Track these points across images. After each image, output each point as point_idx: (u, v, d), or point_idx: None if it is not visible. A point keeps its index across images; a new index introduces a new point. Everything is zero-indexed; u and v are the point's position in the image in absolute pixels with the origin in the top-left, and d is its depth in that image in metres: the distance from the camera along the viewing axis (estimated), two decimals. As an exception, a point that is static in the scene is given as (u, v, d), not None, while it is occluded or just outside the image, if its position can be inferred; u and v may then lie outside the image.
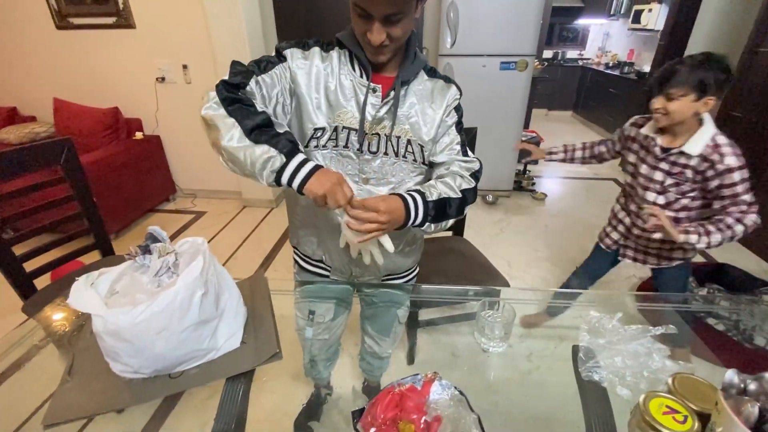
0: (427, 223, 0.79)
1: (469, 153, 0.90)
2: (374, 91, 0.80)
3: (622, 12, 5.14)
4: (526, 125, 3.83)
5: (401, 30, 0.72)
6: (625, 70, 4.78)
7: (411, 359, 1.48)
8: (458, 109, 0.89)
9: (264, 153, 0.68)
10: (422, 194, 0.78)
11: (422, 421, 0.61)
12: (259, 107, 0.72)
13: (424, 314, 1.62)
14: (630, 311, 1.12)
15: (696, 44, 3.35)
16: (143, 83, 2.81)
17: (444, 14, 2.70)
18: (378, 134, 0.82)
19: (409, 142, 0.84)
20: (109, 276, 0.74)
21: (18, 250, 1.30)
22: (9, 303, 1.54)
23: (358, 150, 0.82)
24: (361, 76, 0.81)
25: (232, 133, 0.70)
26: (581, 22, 6.02)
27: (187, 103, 2.84)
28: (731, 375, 0.55)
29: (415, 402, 0.64)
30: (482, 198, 3.20)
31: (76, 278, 0.70)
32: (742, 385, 0.54)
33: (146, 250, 0.81)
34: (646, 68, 4.08)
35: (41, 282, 1.39)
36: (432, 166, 0.90)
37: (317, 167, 0.71)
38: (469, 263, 1.58)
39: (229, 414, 0.78)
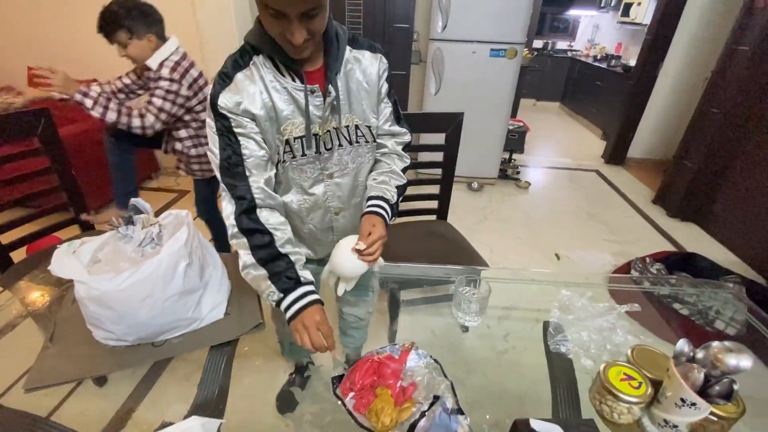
0: (394, 216, 0.91)
1: (402, 117, 0.95)
2: (313, 92, 0.77)
3: (612, 4, 5.18)
4: (514, 114, 3.86)
5: (320, 23, 0.69)
6: (612, 63, 4.83)
7: (392, 338, 1.51)
8: (389, 77, 0.89)
9: (267, 288, 0.76)
10: (386, 200, 0.88)
11: (398, 386, 0.65)
12: (271, 238, 0.77)
13: (406, 295, 1.66)
14: (599, 292, 1.17)
15: (680, 40, 3.41)
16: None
17: (436, -2, 2.68)
18: (329, 131, 0.83)
19: (357, 127, 0.86)
20: (92, 245, 0.74)
21: (-5, 221, 1.27)
22: (-15, 276, 1.51)
23: (315, 153, 0.82)
24: (294, 80, 0.76)
25: (245, 264, 0.77)
26: (572, 12, 6.03)
27: (171, 78, 2.76)
28: (682, 344, 0.60)
29: (392, 369, 0.68)
30: (468, 185, 3.24)
31: (58, 245, 0.70)
32: (692, 354, 0.59)
33: (129, 221, 0.81)
34: (633, 62, 4.14)
35: (17, 255, 1.36)
36: None
37: (303, 309, 0.74)
38: (451, 246, 1.62)
39: (212, 383, 0.80)
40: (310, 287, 0.77)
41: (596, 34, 5.96)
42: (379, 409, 0.61)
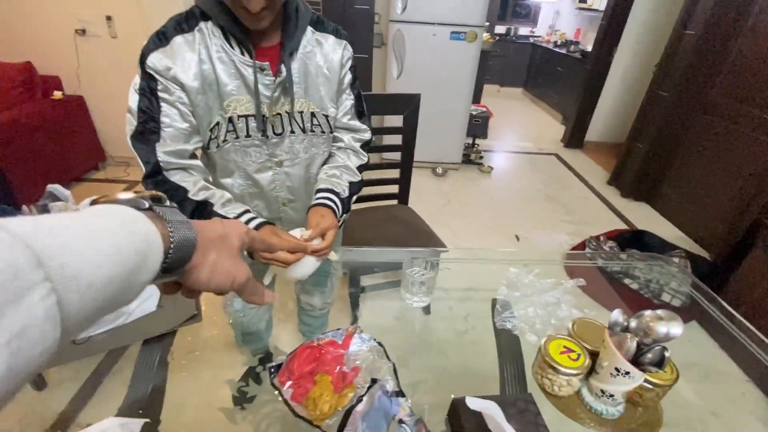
0: (345, 213, 0.83)
1: (365, 113, 0.90)
2: (262, 69, 0.71)
3: (571, -9, 5.28)
4: (477, 100, 3.89)
5: None
6: (571, 49, 4.95)
7: (352, 324, 1.49)
8: (352, 66, 0.84)
9: None
10: (336, 194, 0.81)
11: (337, 370, 0.62)
12: (188, 184, 0.71)
13: (367, 280, 1.64)
14: (554, 269, 1.20)
15: (633, 25, 3.52)
16: (60, 36, 2.49)
17: (395, -22, 2.61)
18: (279, 114, 0.76)
19: (313, 114, 0.80)
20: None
21: None
22: None
23: (263, 136, 0.76)
24: (243, 54, 0.70)
25: None
26: (533, -2, 6.11)
27: (114, 58, 2.57)
28: (616, 315, 0.60)
29: (333, 355, 0.65)
30: (432, 170, 3.24)
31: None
32: (626, 323, 0.60)
33: (45, 210, 0.74)
34: (590, 47, 4.26)
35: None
36: None
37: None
38: (411, 230, 1.61)
39: (144, 382, 0.75)
40: (247, 215, 0.72)
41: (557, 20, 6.08)
42: (317, 396, 0.59)
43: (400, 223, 1.66)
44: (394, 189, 1.73)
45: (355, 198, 0.87)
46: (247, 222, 0.71)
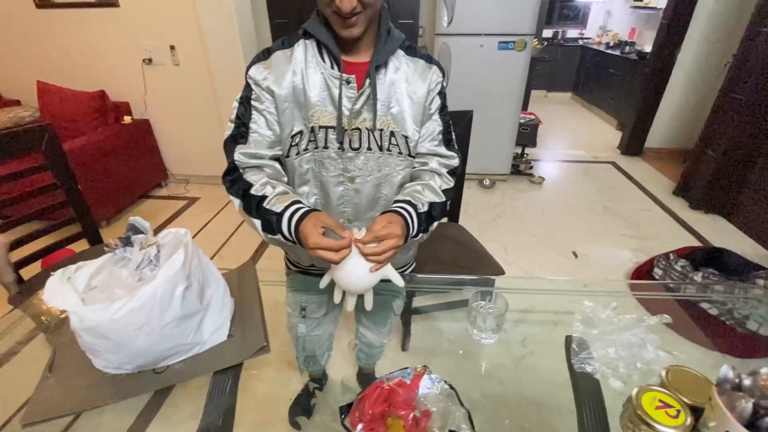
0: (420, 234, 0.77)
1: (454, 141, 0.87)
2: (348, 82, 0.74)
3: (624, -11, 5.01)
4: (525, 107, 3.76)
5: None
6: (626, 50, 4.67)
7: (405, 346, 1.47)
8: (441, 92, 0.83)
9: (269, 236, 0.76)
10: (414, 206, 0.76)
11: (411, 416, 0.60)
12: (254, 181, 0.76)
13: (418, 302, 1.62)
14: (624, 298, 1.11)
15: (698, 23, 3.27)
16: (130, 65, 2.72)
17: (440, -9, 2.60)
18: (359, 129, 0.77)
19: (392, 134, 0.79)
20: (87, 270, 0.71)
21: (7, 237, 1.26)
22: (-3, 292, 1.51)
23: (339, 149, 0.77)
24: (332, 67, 0.74)
25: (252, 222, 0.77)
26: (582, -1, 5.86)
27: (177, 85, 2.76)
28: (726, 370, 0.54)
29: (403, 397, 0.63)
30: (479, 182, 3.17)
31: (52, 273, 0.67)
32: (737, 380, 0.53)
33: (127, 242, 0.78)
34: (648, 48, 3.99)
35: (32, 270, 1.36)
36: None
37: (298, 226, 0.70)
38: (463, 250, 1.56)
39: (217, 408, 0.77)
40: (293, 207, 0.72)
41: (608, 21, 5.78)
42: (390, 442, 0.57)
43: (451, 242, 1.62)
44: (444, 206, 1.70)
45: (436, 224, 0.83)
46: (292, 214, 0.72)
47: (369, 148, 0.78)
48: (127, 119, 2.79)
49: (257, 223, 0.75)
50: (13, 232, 1.28)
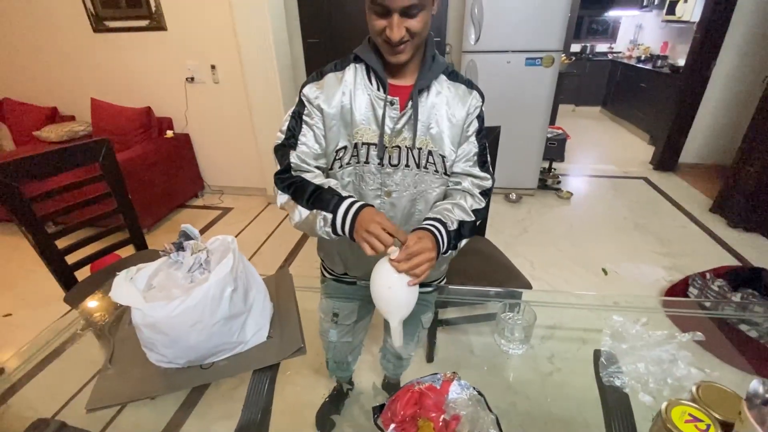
0: (449, 251, 0.81)
1: (489, 164, 0.91)
2: (392, 104, 0.80)
3: (655, 3, 4.93)
4: (552, 122, 3.74)
5: (419, 24, 0.72)
6: (658, 64, 4.58)
7: (430, 358, 1.48)
8: (480, 116, 0.88)
9: (316, 218, 0.78)
10: (444, 224, 0.80)
11: (441, 419, 0.63)
12: (310, 177, 0.82)
13: (444, 314, 1.63)
14: (656, 315, 1.10)
15: (734, 36, 3.19)
16: (174, 83, 2.91)
17: (468, 9, 2.67)
18: (399, 146, 0.82)
19: (430, 153, 0.83)
20: (147, 271, 0.78)
21: (60, 243, 1.38)
22: (51, 293, 1.64)
23: (378, 164, 0.83)
24: (378, 90, 0.81)
25: (296, 212, 0.81)
26: (612, 14, 5.80)
27: (215, 101, 2.93)
28: (756, 385, 0.54)
29: (434, 400, 0.66)
30: (505, 196, 3.16)
31: (117, 273, 0.75)
32: (767, 396, 0.53)
33: (180, 247, 0.85)
34: (681, 62, 3.91)
35: (81, 274, 1.47)
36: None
37: (359, 210, 0.74)
38: (490, 263, 1.58)
39: (255, 405, 0.82)
40: (353, 197, 0.78)
41: (639, 35, 5.69)
42: (421, 442, 0.60)
43: (477, 255, 1.63)
44: (471, 220, 1.72)
45: (465, 241, 0.86)
46: (351, 204, 0.76)
47: (407, 165, 0.83)
48: (169, 133, 2.98)
49: (304, 212, 0.79)
50: (67, 238, 1.40)
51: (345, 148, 0.83)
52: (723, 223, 2.72)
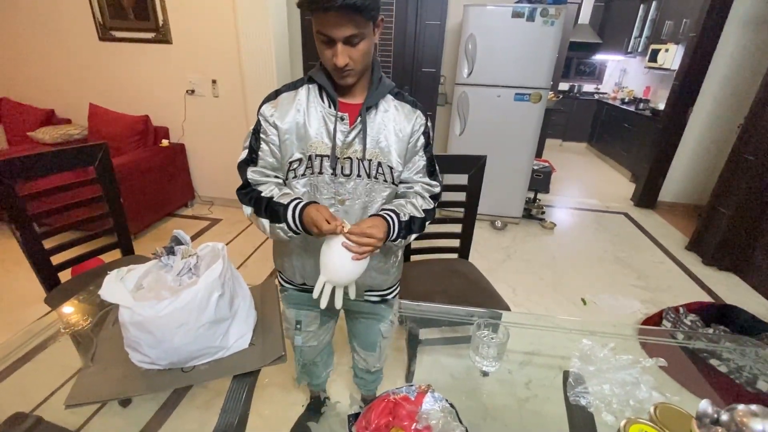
0: (398, 239, 0.91)
1: (437, 172, 1.01)
2: (342, 119, 0.88)
3: (639, 50, 5.24)
4: (539, 154, 3.89)
5: (361, 51, 0.80)
6: (640, 107, 4.83)
7: (409, 378, 1.50)
8: (426, 132, 0.95)
9: (275, 229, 0.90)
10: (397, 214, 0.90)
11: (413, 428, 0.65)
12: (265, 189, 0.92)
13: (425, 334, 1.65)
14: (626, 342, 1.14)
15: (710, 86, 3.40)
16: (174, 94, 2.97)
17: (463, 45, 2.81)
18: (350, 158, 0.89)
19: (379, 164, 0.91)
20: (137, 272, 0.81)
21: (46, 244, 1.38)
22: (29, 294, 1.62)
23: (332, 174, 0.90)
24: (330, 107, 0.88)
25: (260, 223, 0.92)
26: (599, 57, 6.13)
27: (214, 115, 2.99)
28: (705, 405, 0.58)
29: (407, 410, 0.69)
30: (491, 223, 3.24)
31: (108, 272, 0.77)
32: (716, 416, 0.58)
33: (170, 251, 0.88)
34: (661, 105, 4.13)
35: (63, 276, 1.47)
36: (400, 183, 0.99)
37: (302, 210, 0.85)
38: (472, 286, 1.62)
39: (233, 411, 0.83)
40: (296, 200, 0.87)
41: (624, 78, 6.00)
42: (393, 450, 0.62)
43: (460, 277, 1.68)
44: (454, 243, 1.77)
45: (414, 236, 0.96)
46: (297, 204, 0.87)
47: (359, 175, 0.91)
48: (164, 142, 3.01)
49: (265, 222, 0.90)
50: (53, 239, 1.40)
51: (300, 160, 0.90)
52: (698, 261, 2.82)
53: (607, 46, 5.82)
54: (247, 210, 0.93)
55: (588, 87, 6.40)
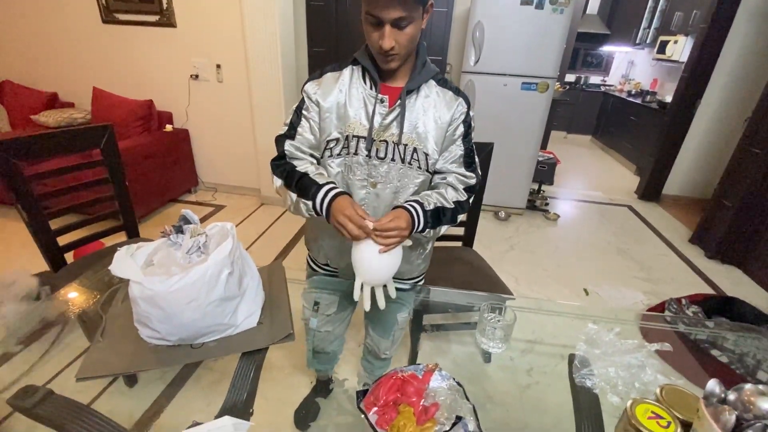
0: (427, 229, 0.89)
1: (476, 164, 0.98)
2: (382, 101, 0.87)
3: (647, 42, 5.17)
4: (544, 146, 3.86)
5: (409, 35, 0.79)
6: (647, 99, 4.78)
7: (413, 362, 1.51)
8: (466, 121, 0.93)
9: (299, 203, 0.88)
10: (421, 204, 0.88)
11: (420, 404, 0.66)
12: (300, 164, 0.91)
13: (429, 319, 1.66)
14: (630, 328, 1.15)
15: (718, 79, 3.36)
16: (178, 79, 2.95)
17: (470, 32, 2.78)
18: (386, 141, 0.89)
19: (415, 150, 0.90)
20: (146, 249, 0.81)
21: (52, 225, 1.39)
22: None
23: (366, 156, 0.89)
24: (371, 89, 0.88)
25: (287, 196, 0.91)
26: (606, 49, 6.06)
27: (218, 100, 2.97)
28: (713, 384, 0.59)
29: (415, 387, 0.69)
30: (495, 214, 3.24)
31: (118, 248, 0.77)
32: (723, 395, 0.58)
33: (179, 230, 0.88)
34: (668, 98, 4.09)
35: (70, 257, 1.47)
36: (435, 173, 0.97)
37: (332, 199, 0.83)
38: (476, 273, 1.62)
39: (241, 388, 0.84)
40: (330, 185, 0.86)
41: (631, 70, 5.94)
42: (401, 425, 0.63)
43: (465, 265, 1.68)
44: (459, 231, 1.77)
45: (445, 228, 0.94)
46: (331, 189, 0.85)
47: (393, 159, 0.90)
48: (168, 127, 3.00)
49: (294, 196, 0.89)
50: (58, 221, 1.40)
51: (337, 140, 0.90)
52: (701, 254, 2.82)
53: (615, 37, 5.75)
54: (278, 182, 0.92)
55: (594, 79, 6.34)
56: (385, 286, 0.89)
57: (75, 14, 2.89)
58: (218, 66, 2.85)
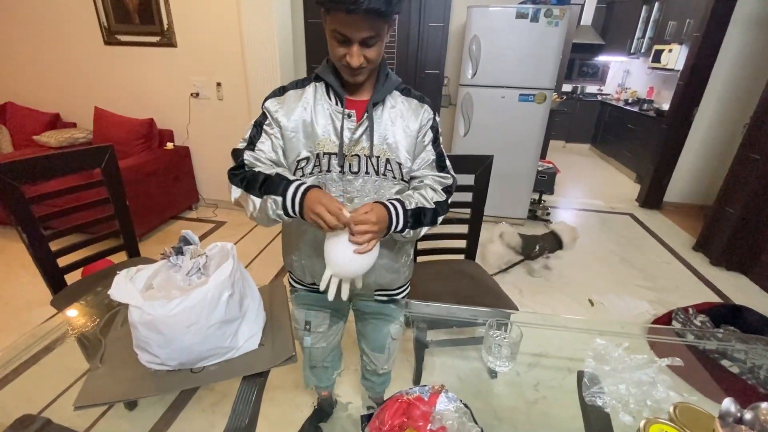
0: (406, 230, 0.86)
1: (448, 167, 0.97)
2: (349, 116, 0.87)
3: (642, 51, 5.23)
4: (543, 156, 3.87)
5: (376, 52, 0.79)
6: (644, 107, 4.81)
7: (417, 380, 1.48)
8: (434, 127, 0.94)
9: (267, 203, 0.82)
10: (402, 203, 0.86)
11: (427, 429, 0.64)
12: (260, 168, 0.86)
13: (432, 335, 1.64)
14: (638, 341, 1.12)
15: (715, 86, 3.38)
16: (179, 97, 2.98)
17: (467, 46, 2.81)
18: (358, 155, 0.88)
19: (388, 161, 0.89)
20: (146, 272, 0.80)
21: (52, 246, 1.38)
22: (39, 296, 1.61)
23: (340, 172, 0.88)
24: (337, 104, 0.87)
25: (249, 202, 0.85)
26: (602, 58, 6.12)
27: (218, 117, 2.99)
28: (728, 404, 0.57)
29: (421, 411, 0.67)
30: (495, 225, 3.22)
31: (118, 272, 0.76)
32: (739, 414, 0.56)
33: (179, 252, 0.87)
34: (665, 106, 4.11)
35: (70, 278, 1.46)
36: (410, 180, 0.96)
37: (305, 192, 0.79)
38: (479, 287, 1.60)
39: (242, 413, 0.82)
40: (300, 180, 0.83)
41: (627, 79, 5.99)
42: (408, 451, 0.61)
43: (467, 278, 1.66)
44: (461, 243, 1.76)
45: (425, 230, 0.91)
46: (298, 186, 0.81)
47: (367, 172, 0.89)
48: (169, 145, 3.02)
49: (257, 201, 0.83)
50: (59, 242, 1.40)
51: (307, 159, 0.88)
52: (705, 261, 2.80)
53: (610, 47, 5.81)
54: (236, 192, 0.86)
55: (591, 88, 6.39)
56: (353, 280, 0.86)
57: (78, 37, 2.94)
58: (218, 84, 2.88)
